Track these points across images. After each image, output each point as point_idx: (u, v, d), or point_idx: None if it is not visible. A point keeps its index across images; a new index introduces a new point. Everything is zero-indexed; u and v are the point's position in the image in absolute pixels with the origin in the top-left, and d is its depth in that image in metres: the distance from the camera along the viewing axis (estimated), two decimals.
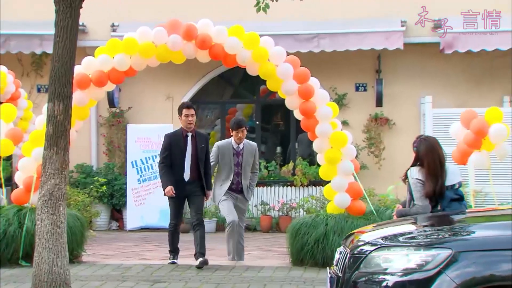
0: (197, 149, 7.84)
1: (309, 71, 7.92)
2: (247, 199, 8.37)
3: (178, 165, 7.78)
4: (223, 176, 8.21)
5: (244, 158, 8.20)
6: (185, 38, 7.87)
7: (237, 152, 8.22)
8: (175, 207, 7.92)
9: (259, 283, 6.83)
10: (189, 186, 7.82)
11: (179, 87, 12.38)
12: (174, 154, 7.80)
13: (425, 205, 5.26)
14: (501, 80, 11.54)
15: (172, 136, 8.01)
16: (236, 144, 8.23)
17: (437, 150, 5.32)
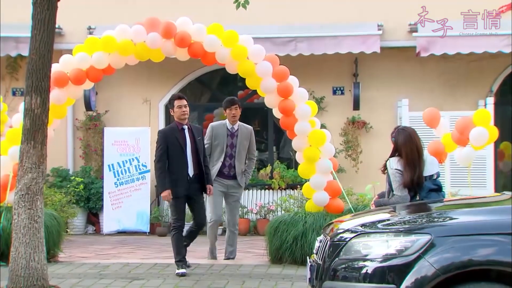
0: (196, 142, 7.35)
1: None
2: (240, 185, 8.12)
3: (178, 162, 7.22)
4: (215, 158, 7.93)
5: (238, 140, 7.95)
6: (164, 36, 7.86)
7: (231, 133, 7.98)
8: (180, 207, 7.33)
9: (238, 280, 6.82)
10: (192, 184, 7.29)
11: (156, 90, 12.35)
12: (172, 150, 7.23)
13: (404, 195, 5.30)
14: (476, 84, 11.70)
15: (167, 131, 7.46)
16: (230, 124, 7.98)
17: (414, 140, 5.38)
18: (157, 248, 9.85)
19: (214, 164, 7.89)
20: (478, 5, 10.59)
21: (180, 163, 7.21)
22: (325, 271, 4.51)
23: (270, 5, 11.83)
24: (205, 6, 11.53)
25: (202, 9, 11.56)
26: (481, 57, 11.34)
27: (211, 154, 7.95)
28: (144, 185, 11.60)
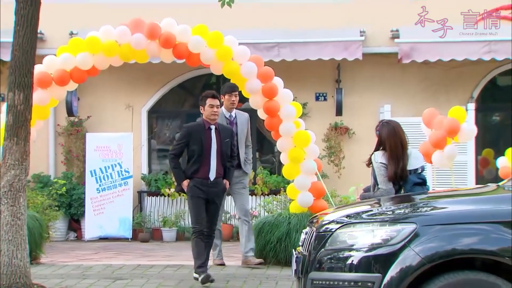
0: (222, 144, 6.89)
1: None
2: (246, 172, 7.82)
3: (199, 163, 6.77)
4: None
5: (239, 128, 7.65)
6: (148, 37, 7.87)
7: (230, 121, 7.67)
8: (199, 209, 6.80)
9: (223, 280, 6.80)
10: (213, 187, 6.83)
11: (139, 96, 12.32)
12: (195, 149, 6.77)
13: (388, 189, 5.33)
14: (457, 90, 11.81)
15: (193, 128, 6.99)
16: (227, 112, 7.67)
17: (398, 134, 5.42)
18: (139, 253, 9.79)
19: None
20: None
21: (201, 164, 6.77)
22: (311, 262, 4.50)
23: (253, 11, 11.89)
24: (188, 12, 11.53)
25: (185, 14, 11.58)
26: (462, 64, 11.45)
27: None
28: (127, 190, 11.53)
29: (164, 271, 7.29)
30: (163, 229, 11.49)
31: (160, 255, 9.40)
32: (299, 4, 12.19)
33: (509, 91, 12.73)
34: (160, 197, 11.87)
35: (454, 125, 7.75)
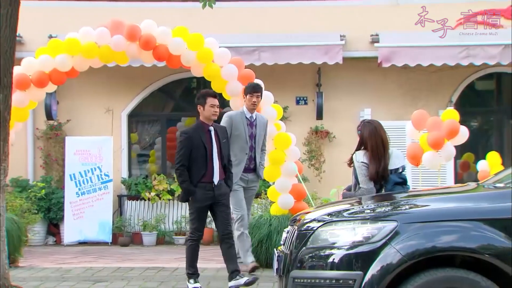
0: (221, 145, 6.64)
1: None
2: (260, 176, 7.57)
3: (202, 167, 6.48)
4: (237, 151, 7.20)
5: (257, 131, 7.34)
6: (128, 39, 7.85)
7: (250, 122, 7.37)
8: (202, 216, 6.62)
9: (203, 281, 6.77)
10: (217, 190, 6.55)
11: (119, 100, 12.26)
12: (197, 154, 6.47)
13: (370, 188, 5.35)
14: (436, 95, 11.91)
15: (192, 132, 6.61)
16: (249, 113, 7.35)
17: (380, 133, 5.44)
18: (119, 257, 9.72)
19: (238, 160, 7.20)
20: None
21: (205, 168, 6.49)
22: (293, 261, 4.51)
23: (233, 15, 11.92)
24: (168, 16, 11.51)
25: (164, 19, 11.57)
26: (441, 68, 11.55)
27: (231, 146, 7.07)
28: (107, 194, 11.45)
29: (144, 273, 7.24)
30: (143, 233, 11.43)
31: (141, 258, 9.35)
32: (279, 9, 12.24)
33: (487, 96, 12.89)
34: (140, 201, 11.81)
35: (454, 127, 7.92)
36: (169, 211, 11.78)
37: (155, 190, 11.63)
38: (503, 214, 4.16)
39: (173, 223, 11.65)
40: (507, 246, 4.06)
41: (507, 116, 12.43)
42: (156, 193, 11.62)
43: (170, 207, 11.82)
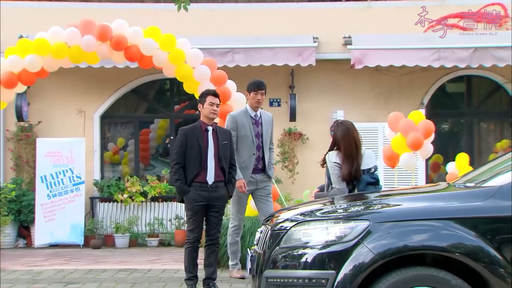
0: (219, 146, 6.51)
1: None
2: (270, 176, 7.23)
3: (196, 166, 6.38)
4: (244, 152, 6.92)
5: (264, 129, 7.03)
6: (99, 39, 7.80)
7: (255, 121, 7.06)
8: (198, 218, 6.47)
9: (176, 283, 6.74)
10: (213, 191, 6.46)
11: (91, 101, 12.16)
12: (191, 152, 6.40)
13: (342, 188, 5.38)
14: (408, 97, 12.02)
15: (188, 130, 6.54)
16: (253, 111, 7.05)
17: (352, 134, 5.47)
18: (91, 259, 9.63)
19: (245, 162, 6.92)
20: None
21: (199, 168, 6.39)
22: (266, 260, 4.51)
23: (206, 17, 11.90)
24: (140, 16, 11.47)
25: (136, 21, 11.51)
26: (412, 70, 11.67)
27: (237, 148, 6.92)
28: (78, 196, 11.34)
29: (117, 275, 7.19)
30: (116, 236, 11.35)
31: (113, 260, 9.28)
32: (252, 10, 12.27)
33: (458, 98, 13.04)
34: (113, 203, 11.72)
35: (430, 127, 8.09)
36: (142, 213, 11.71)
37: (127, 192, 11.56)
38: (473, 213, 4.22)
39: (146, 225, 11.59)
40: (477, 245, 4.11)
41: (476, 118, 12.60)
42: (129, 195, 11.54)
43: (143, 209, 11.75)
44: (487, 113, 12.86)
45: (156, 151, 13.53)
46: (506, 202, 4.17)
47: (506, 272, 4.06)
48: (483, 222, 4.18)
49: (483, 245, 4.10)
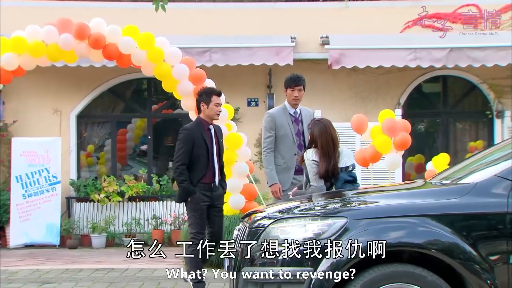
0: (219, 145, 6.42)
1: None
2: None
3: (203, 166, 6.21)
4: (284, 153, 6.46)
5: (305, 126, 6.52)
6: (77, 37, 7.74)
7: (295, 118, 6.60)
8: (202, 218, 6.28)
9: (153, 282, 6.72)
10: (216, 191, 6.33)
11: (67, 100, 12.07)
12: (197, 152, 6.18)
13: (320, 186, 5.40)
14: (384, 97, 12.10)
15: (194, 130, 6.30)
16: (292, 108, 6.63)
17: (330, 131, 5.50)
18: (67, 259, 9.57)
19: (287, 159, 6.46)
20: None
21: (206, 168, 6.23)
22: (244, 258, 4.50)
23: (184, 16, 11.87)
24: (118, 15, 11.40)
25: (114, 17, 11.44)
26: (389, 70, 11.75)
27: (277, 148, 6.54)
28: (55, 196, 11.24)
29: (93, 274, 7.15)
30: (92, 235, 11.27)
31: (90, 260, 9.22)
32: (230, 10, 12.27)
33: (434, 98, 13.16)
34: (90, 202, 11.65)
35: (407, 125, 8.12)
36: (119, 213, 11.65)
37: (104, 192, 11.49)
38: (449, 210, 4.25)
39: (123, 225, 11.53)
40: (453, 241, 4.14)
41: (452, 118, 12.73)
42: (106, 194, 11.48)
43: (120, 208, 11.69)
44: (463, 113, 13.00)
45: (134, 151, 13.47)
46: (481, 199, 4.21)
47: (481, 268, 4.10)
48: (459, 218, 4.21)
49: (459, 242, 4.13)
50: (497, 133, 12.07)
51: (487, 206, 4.20)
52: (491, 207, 4.19)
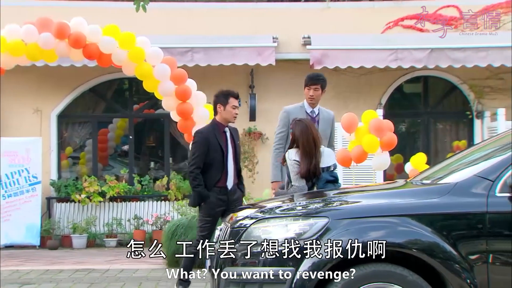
0: (235, 148, 6.30)
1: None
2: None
3: (218, 170, 6.10)
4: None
5: (320, 127, 6.32)
6: (57, 37, 7.69)
7: (311, 117, 6.39)
8: (214, 223, 6.16)
9: (135, 282, 6.70)
10: (231, 196, 6.21)
11: (48, 100, 11.97)
12: (212, 156, 6.08)
13: (302, 185, 5.41)
14: (366, 97, 12.14)
15: (209, 132, 6.20)
16: (309, 107, 6.42)
17: (311, 131, 5.51)
18: (48, 260, 9.50)
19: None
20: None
21: (220, 172, 6.14)
22: (225, 257, 4.50)
23: (165, 16, 11.84)
24: (99, 14, 11.33)
25: (95, 17, 11.38)
26: (371, 71, 11.79)
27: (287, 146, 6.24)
28: (35, 197, 11.16)
29: (74, 275, 7.10)
30: (73, 236, 11.21)
31: (70, 261, 9.16)
32: (212, 10, 12.25)
33: (415, 98, 13.24)
34: (70, 203, 11.58)
35: (391, 125, 8.17)
36: (100, 213, 11.59)
37: (85, 192, 11.43)
38: (429, 210, 4.28)
39: (104, 226, 11.47)
40: (433, 241, 4.17)
41: (433, 118, 12.82)
42: (87, 195, 11.41)
43: (101, 209, 11.63)
44: (443, 113, 13.09)
45: (115, 151, 13.41)
46: (461, 198, 4.24)
47: (461, 267, 4.13)
48: (439, 218, 4.24)
49: (439, 241, 4.16)
50: (477, 133, 12.17)
51: (466, 205, 4.23)
52: (470, 207, 4.22)
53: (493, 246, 4.15)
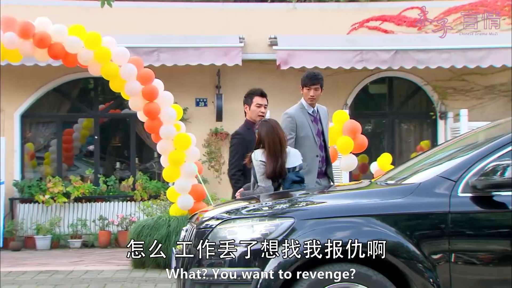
0: None
1: None
2: (332, 180, 6.32)
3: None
4: (306, 154, 5.94)
5: (323, 124, 6.25)
6: (21, 36, 7.58)
7: (314, 117, 6.26)
8: None
9: (99, 283, 6.65)
10: None
11: (11, 99, 11.79)
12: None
13: (268, 186, 5.42)
14: (332, 98, 12.19)
15: (246, 134, 6.14)
16: (310, 107, 6.27)
17: (277, 132, 5.52)
18: (10, 261, 9.35)
19: (309, 161, 5.98)
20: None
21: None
22: (191, 258, 4.50)
23: (131, 15, 11.77)
24: (64, 14, 11.21)
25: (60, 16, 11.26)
26: (336, 72, 11.86)
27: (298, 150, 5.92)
28: None
29: (37, 277, 7.02)
30: (37, 237, 11.07)
31: (34, 262, 9.05)
32: (179, 10, 12.21)
33: (380, 99, 13.38)
34: (34, 204, 11.44)
35: (359, 126, 8.40)
36: (64, 214, 11.47)
37: (49, 193, 11.29)
38: (393, 210, 4.33)
39: (69, 226, 11.36)
40: (397, 241, 4.22)
41: (397, 119, 12.97)
42: (51, 195, 11.28)
43: (66, 209, 11.51)
44: (408, 113, 13.26)
45: (80, 151, 13.29)
46: (424, 198, 4.30)
47: (424, 267, 4.18)
48: (403, 218, 4.29)
49: (403, 241, 4.21)
50: (440, 134, 12.34)
51: (429, 205, 4.29)
52: (433, 207, 4.28)
53: (455, 245, 4.21)
